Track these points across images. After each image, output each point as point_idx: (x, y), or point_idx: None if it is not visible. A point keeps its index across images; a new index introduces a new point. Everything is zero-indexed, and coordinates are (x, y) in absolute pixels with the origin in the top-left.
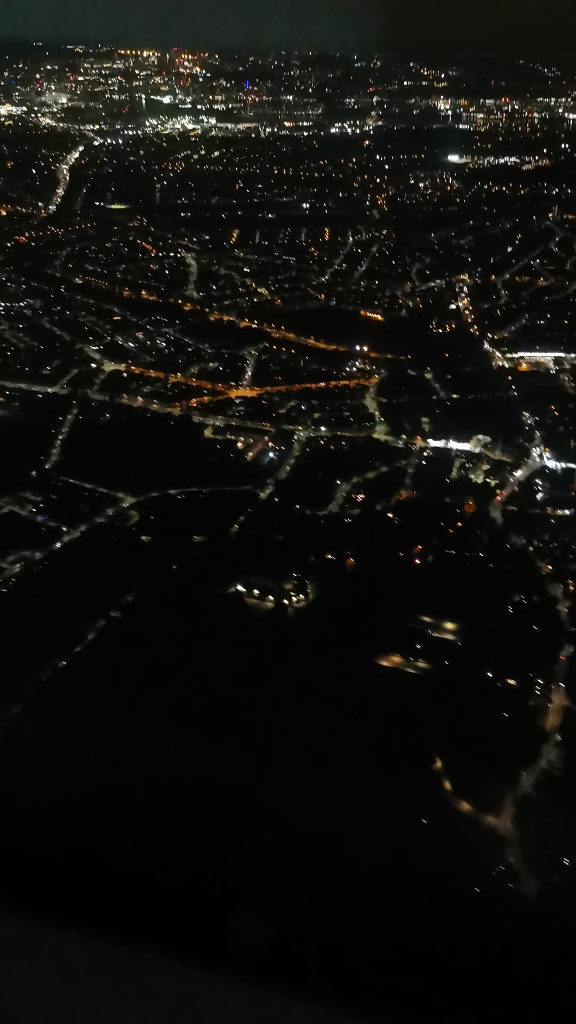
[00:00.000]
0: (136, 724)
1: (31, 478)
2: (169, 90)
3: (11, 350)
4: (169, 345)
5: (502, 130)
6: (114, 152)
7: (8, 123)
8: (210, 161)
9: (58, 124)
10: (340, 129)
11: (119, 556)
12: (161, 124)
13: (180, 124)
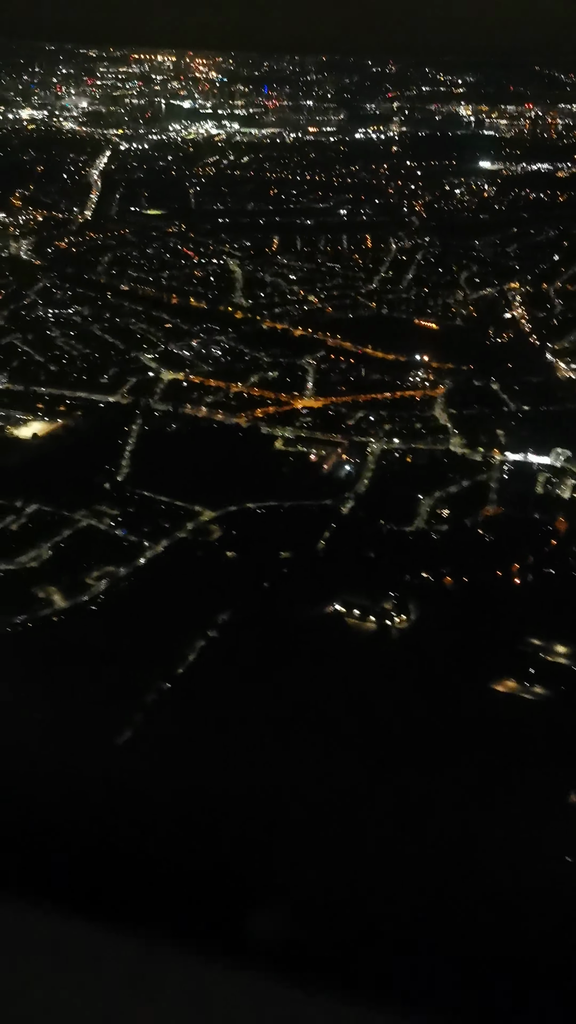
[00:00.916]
0: (246, 747)
1: (104, 490)
2: (188, 95)
3: (66, 358)
4: (225, 354)
5: (528, 136)
6: (142, 157)
7: (31, 127)
8: (240, 166)
9: (81, 128)
10: (365, 135)
11: (206, 573)
12: (184, 129)
13: (204, 129)
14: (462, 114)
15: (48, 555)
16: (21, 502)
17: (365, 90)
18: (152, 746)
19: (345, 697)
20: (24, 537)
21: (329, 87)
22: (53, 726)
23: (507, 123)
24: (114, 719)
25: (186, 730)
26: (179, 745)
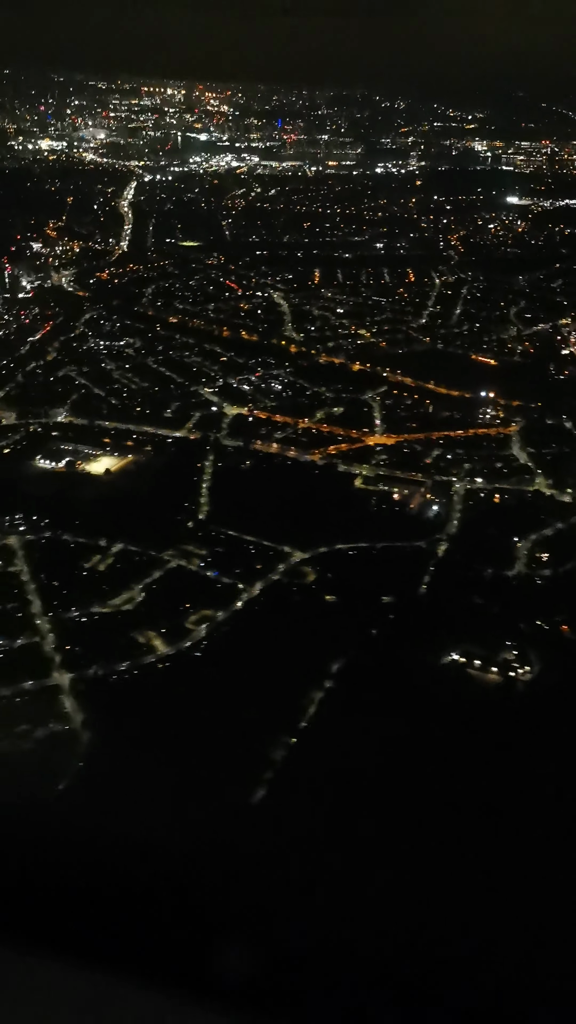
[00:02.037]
0: (378, 806)
1: (188, 529)
2: (203, 127)
3: (126, 392)
4: (285, 388)
5: (547, 172)
6: (168, 189)
7: (52, 158)
8: (268, 199)
9: (102, 160)
10: (384, 169)
11: (309, 618)
12: (205, 161)
13: (224, 161)
14: (478, 149)
15: (141, 597)
16: (105, 541)
17: (378, 124)
18: (282, 804)
19: (480, 755)
20: (114, 578)
21: (342, 121)
22: (177, 785)
23: (524, 159)
24: (242, 777)
25: (317, 787)
26: (313, 805)
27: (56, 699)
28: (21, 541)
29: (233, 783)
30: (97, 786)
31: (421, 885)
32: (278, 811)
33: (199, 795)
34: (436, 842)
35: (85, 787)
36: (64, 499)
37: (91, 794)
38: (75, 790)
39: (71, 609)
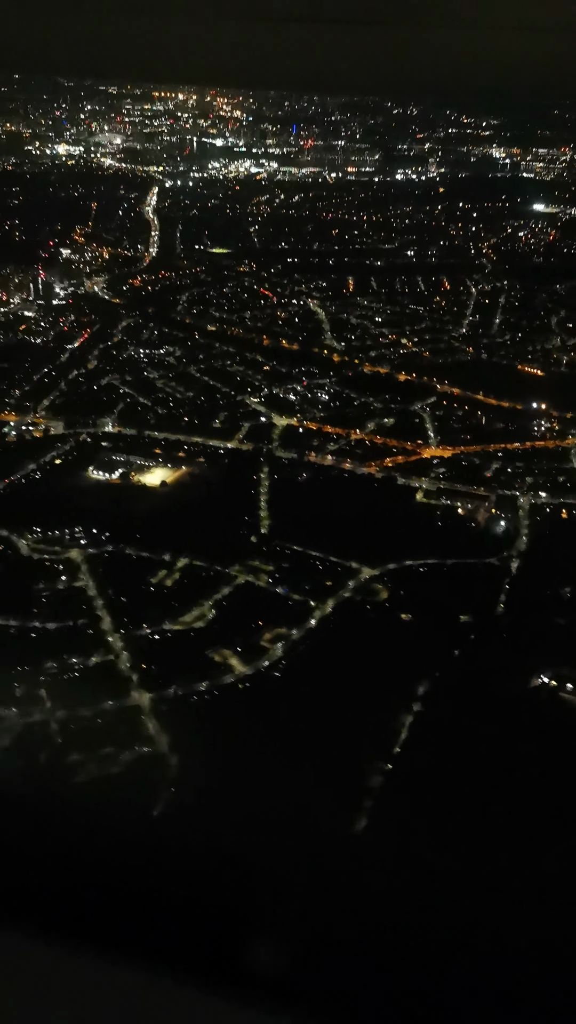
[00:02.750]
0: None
1: (251, 544)
2: (218, 133)
3: (171, 401)
4: (332, 399)
5: (569, 179)
6: (191, 194)
7: (71, 163)
8: (293, 206)
9: (121, 165)
10: (405, 176)
11: (387, 638)
12: (223, 167)
13: (243, 167)
14: (495, 156)
15: (212, 614)
16: (169, 555)
17: (392, 131)
18: (384, 833)
19: None
20: (182, 594)
21: (356, 127)
22: (275, 814)
23: (543, 166)
24: (342, 805)
25: (419, 817)
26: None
27: (138, 720)
28: (84, 555)
29: (333, 812)
30: (191, 813)
31: (540, 922)
32: (383, 842)
33: (300, 825)
34: (552, 879)
35: (179, 813)
36: (122, 511)
37: (185, 821)
38: (170, 817)
39: (142, 626)
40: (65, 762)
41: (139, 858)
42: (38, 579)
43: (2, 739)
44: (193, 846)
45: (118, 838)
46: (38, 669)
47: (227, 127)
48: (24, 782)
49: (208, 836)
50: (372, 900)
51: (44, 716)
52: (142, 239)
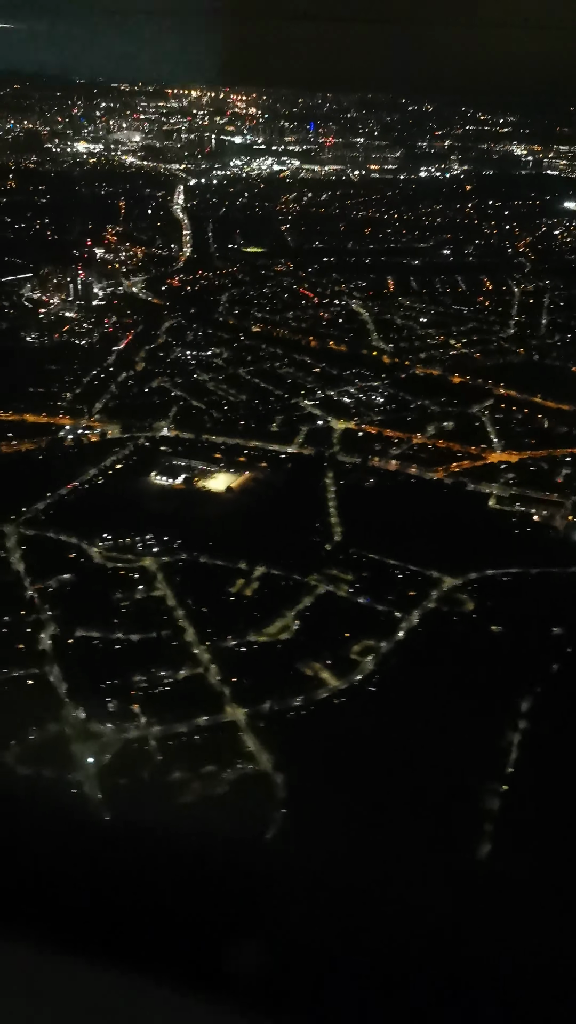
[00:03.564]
0: None
1: (327, 552)
2: (236, 130)
3: (226, 404)
4: (387, 401)
5: None
6: (217, 193)
7: (92, 161)
8: (321, 204)
9: (143, 163)
10: (429, 173)
11: (479, 651)
12: (245, 164)
13: (265, 165)
14: (517, 153)
15: (297, 625)
16: (245, 564)
17: (410, 128)
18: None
19: None
20: (264, 604)
21: (374, 124)
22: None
23: (567, 163)
24: (462, 830)
25: (546, 842)
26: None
27: (236, 737)
28: (158, 563)
29: (454, 837)
30: (306, 837)
31: None
32: (511, 869)
33: (423, 852)
34: None
35: (294, 837)
36: (190, 518)
37: (301, 846)
38: (283, 840)
39: (227, 637)
40: (169, 781)
41: (255, 886)
42: (115, 588)
43: (102, 757)
44: (308, 875)
45: (232, 863)
46: (127, 683)
47: (245, 124)
48: (130, 802)
49: (322, 863)
50: (510, 935)
51: (140, 732)
52: (174, 238)
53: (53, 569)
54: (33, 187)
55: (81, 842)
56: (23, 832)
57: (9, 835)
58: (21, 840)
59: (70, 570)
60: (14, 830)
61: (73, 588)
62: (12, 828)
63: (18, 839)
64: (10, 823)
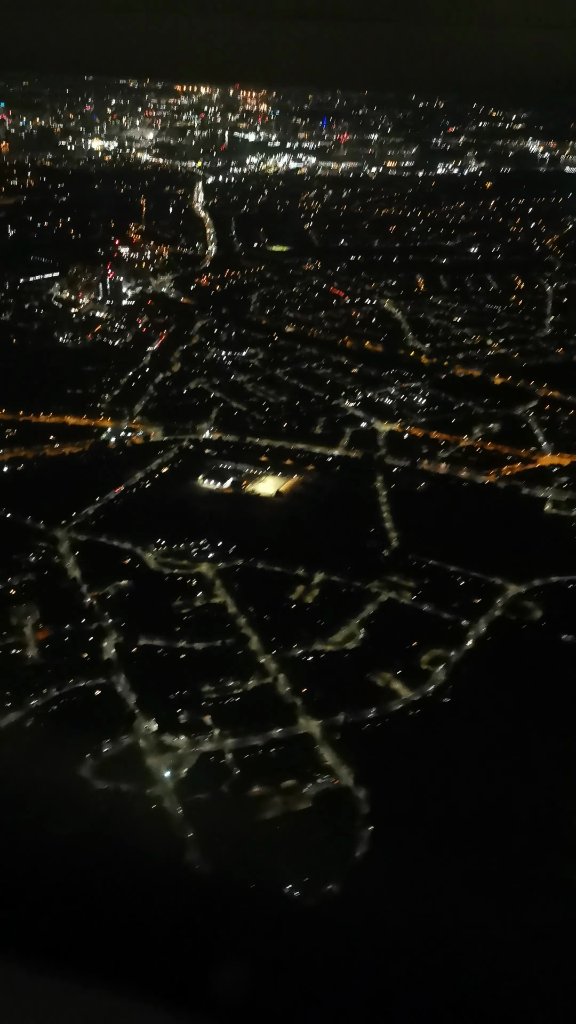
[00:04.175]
0: None
1: (385, 558)
2: (249, 128)
3: (266, 405)
4: (430, 403)
5: None
6: (236, 190)
7: (108, 158)
8: (342, 201)
9: (158, 160)
10: (447, 170)
11: (551, 661)
12: (261, 162)
13: (281, 162)
14: (533, 150)
15: (362, 634)
16: (303, 570)
17: (422, 125)
18: None
19: None
20: (326, 612)
21: (386, 121)
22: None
23: None
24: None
25: None
26: None
27: (312, 750)
28: (215, 569)
29: (543, 856)
30: (401, 857)
31: None
32: None
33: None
34: None
35: (386, 857)
36: (241, 522)
37: (396, 867)
38: (375, 858)
39: (293, 646)
40: (249, 796)
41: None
42: (173, 595)
43: (178, 771)
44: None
45: (322, 884)
46: (196, 693)
47: (257, 122)
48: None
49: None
50: None
51: (215, 745)
52: (198, 236)
53: (109, 575)
54: (52, 185)
55: (167, 860)
56: (110, 847)
57: (97, 849)
58: (109, 855)
59: (126, 576)
60: (100, 845)
61: (131, 595)
62: (99, 843)
63: (106, 854)
64: (97, 839)
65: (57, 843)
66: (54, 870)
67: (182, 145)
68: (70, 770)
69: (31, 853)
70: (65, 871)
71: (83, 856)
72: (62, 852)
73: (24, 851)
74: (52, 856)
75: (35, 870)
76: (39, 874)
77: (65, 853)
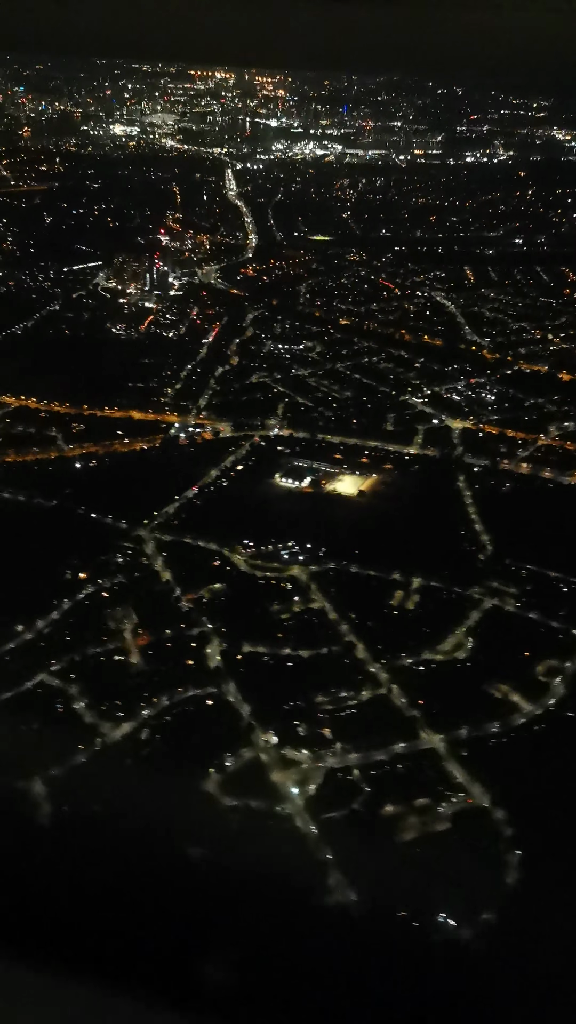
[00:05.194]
0: None
1: (482, 562)
2: (269, 113)
3: (333, 401)
4: (499, 399)
5: None
6: (267, 178)
7: (132, 144)
8: (376, 190)
9: (183, 147)
10: (475, 158)
11: None
12: (287, 148)
13: (307, 149)
14: (559, 138)
15: (470, 643)
16: (399, 574)
17: (444, 111)
18: None
19: None
20: (429, 619)
21: (407, 107)
22: None
23: None
24: None
25: None
26: None
27: (439, 766)
28: (307, 573)
29: None
30: (556, 885)
31: None
32: None
33: None
34: None
35: (539, 885)
36: (325, 523)
37: (552, 895)
38: (529, 886)
39: (401, 655)
40: (384, 815)
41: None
42: (269, 599)
43: (306, 787)
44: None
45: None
46: (311, 704)
47: (277, 107)
48: (349, 840)
49: None
50: None
51: (339, 760)
52: (237, 225)
53: (201, 578)
54: (82, 171)
55: (309, 884)
56: (250, 871)
57: (238, 874)
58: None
59: (218, 579)
60: (241, 868)
61: (227, 599)
62: (239, 866)
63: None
64: (236, 861)
65: (197, 865)
66: (196, 894)
67: (204, 131)
68: (195, 785)
69: (168, 875)
70: (206, 894)
71: (223, 879)
72: (203, 875)
73: (161, 873)
74: (192, 879)
75: (176, 891)
76: (182, 897)
77: (205, 876)
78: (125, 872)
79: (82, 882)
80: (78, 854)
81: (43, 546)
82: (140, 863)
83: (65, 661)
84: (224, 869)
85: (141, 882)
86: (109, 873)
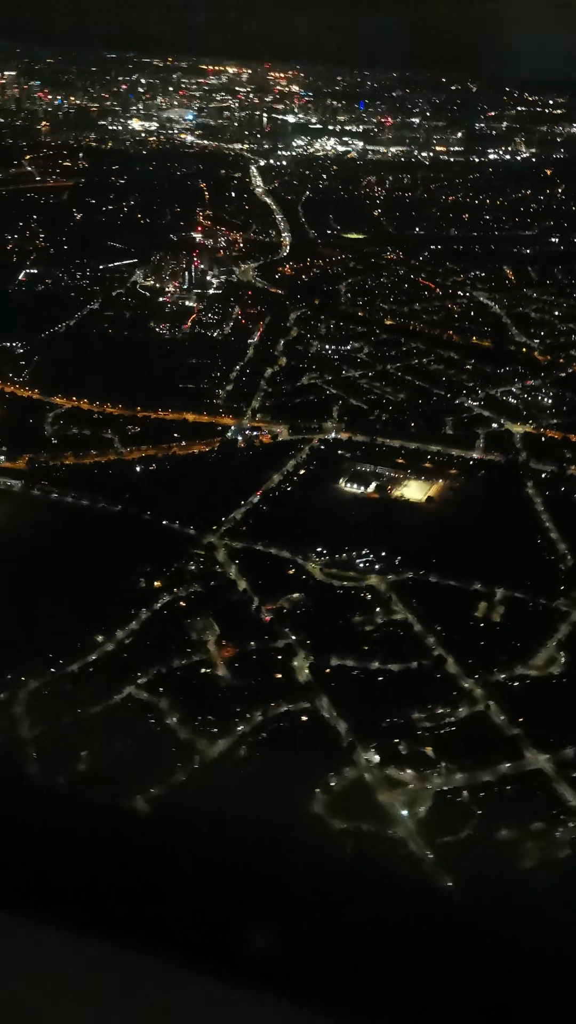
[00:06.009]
0: None
1: (564, 572)
2: (286, 109)
3: (389, 404)
4: (557, 403)
5: None
6: (293, 175)
7: (152, 139)
8: (406, 187)
9: (204, 142)
10: (499, 156)
11: None
12: (308, 145)
13: (328, 146)
14: None
15: (563, 658)
16: (480, 585)
17: (461, 108)
18: None
19: None
20: (518, 632)
21: (422, 104)
22: None
23: None
24: None
25: None
26: None
27: (550, 789)
28: (386, 583)
29: None
30: None
31: None
32: None
33: None
34: None
35: None
36: (396, 530)
37: None
38: None
39: (494, 670)
40: (498, 839)
41: None
42: (350, 610)
43: (415, 809)
44: None
45: None
46: (408, 721)
47: (293, 103)
48: (468, 867)
49: None
50: None
51: (445, 781)
52: (268, 223)
53: (277, 587)
54: (107, 166)
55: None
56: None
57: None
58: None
59: (295, 588)
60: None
61: (307, 609)
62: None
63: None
64: (355, 888)
65: (316, 891)
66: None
67: (223, 127)
68: (303, 806)
69: (289, 902)
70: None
71: (343, 905)
72: (326, 902)
73: (281, 899)
74: (316, 907)
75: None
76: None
77: (327, 903)
78: (251, 899)
79: (205, 915)
80: (203, 880)
81: (113, 552)
82: (262, 900)
83: (151, 674)
84: (347, 899)
85: (261, 911)
86: (235, 901)
